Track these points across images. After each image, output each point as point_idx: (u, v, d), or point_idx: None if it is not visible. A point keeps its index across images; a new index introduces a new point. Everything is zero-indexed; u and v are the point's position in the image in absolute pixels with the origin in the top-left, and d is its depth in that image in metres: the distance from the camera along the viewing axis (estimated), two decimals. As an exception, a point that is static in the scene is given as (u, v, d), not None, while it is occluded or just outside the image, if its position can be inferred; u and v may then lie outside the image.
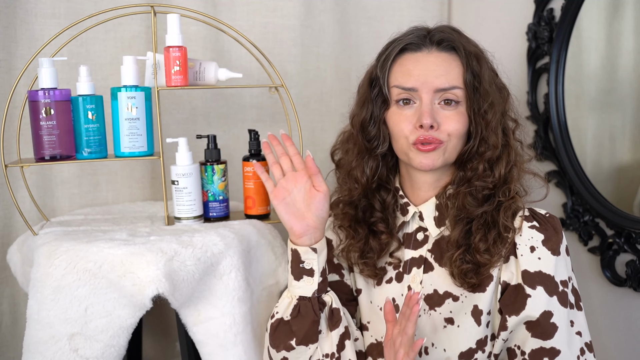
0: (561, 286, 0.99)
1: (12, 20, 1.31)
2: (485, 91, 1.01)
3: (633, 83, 1.22)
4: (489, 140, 1.02)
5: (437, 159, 1.01)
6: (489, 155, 1.02)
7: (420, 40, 1.04)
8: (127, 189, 1.48)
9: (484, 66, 1.03)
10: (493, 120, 1.02)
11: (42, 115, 1.08)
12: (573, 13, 1.30)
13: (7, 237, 1.35)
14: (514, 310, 0.99)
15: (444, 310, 1.04)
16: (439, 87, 1.00)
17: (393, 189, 1.11)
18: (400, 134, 1.03)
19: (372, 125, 1.07)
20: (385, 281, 1.10)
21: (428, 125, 0.99)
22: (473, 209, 1.02)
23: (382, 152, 1.07)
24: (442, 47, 1.03)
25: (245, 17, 1.50)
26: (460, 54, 1.02)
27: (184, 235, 1.09)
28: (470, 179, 1.03)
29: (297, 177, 1.05)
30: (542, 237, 1.00)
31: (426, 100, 1.00)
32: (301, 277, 1.04)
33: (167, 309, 1.09)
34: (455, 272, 1.02)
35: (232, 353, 1.08)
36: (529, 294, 0.98)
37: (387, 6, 1.63)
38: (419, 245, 1.08)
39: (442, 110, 1.01)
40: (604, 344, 1.31)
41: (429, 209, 1.07)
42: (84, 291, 1.00)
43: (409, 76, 1.02)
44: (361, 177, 1.09)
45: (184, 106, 1.49)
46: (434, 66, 1.01)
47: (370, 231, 1.10)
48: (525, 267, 0.99)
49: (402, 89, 1.02)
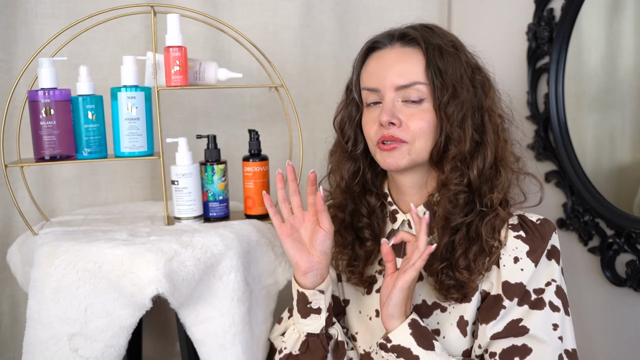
0: (534, 294, 0.96)
1: (12, 20, 1.31)
2: (449, 83, 0.96)
3: (633, 83, 1.22)
4: (453, 135, 0.97)
5: (400, 158, 0.98)
6: (454, 152, 0.97)
7: (386, 38, 1.02)
8: (127, 189, 1.48)
9: (449, 59, 0.97)
10: (456, 114, 0.96)
11: (42, 115, 1.08)
12: (573, 13, 1.30)
13: (7, 237, 1.35)
14: (486, 319, 0.96)
15: (431, 321, 1.02)
16: (399, 84, 0.98)
17: (381, 194, 1.10)
18: (368, 136, 1.02)
19: (349, 127, 1.07)
20: (375, 290, 1.09)
21: (386, 122, 0.97)
22: (454, 217, 0.98)
23: (356, 154, 1.07)
24: (405, 41, 1.00)
25: (245, 17, 1.50)
26: (422, 48, 0.98)
27: (184, 236, 1.09)
28: (445, 182, 0.99)
29: (306, 217, 1.02)
30: (527, 248, 0.97)
31: (387, 98, 0.98)
32: (308, 315, 1.02)
33: (167, 309, 1.09)
34: (437, 287, 1.00)
35: (230, 353, 1.08)
36: (505, 306, 0.95)
37: (387, 6, 1.63)
38: None
39: (405, 108, 0.98)
40: (604, 344, 1.31)
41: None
42: (84, 291, 1.00)
43: (372, 76, 1.01)
44: (340, 180, 1.09)
45: (184, 106, 1.49)
46: (394, 62, 0.99)
47: (357, 237, 1.09)
48: (506, 278, 0.96)
49: (368, 90, 1.02)
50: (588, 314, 1.33)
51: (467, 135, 0.97)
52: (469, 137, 0.97)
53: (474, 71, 1.01)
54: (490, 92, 1.02)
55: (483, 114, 1.00)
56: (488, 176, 0.99)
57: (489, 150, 0.99)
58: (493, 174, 0.99)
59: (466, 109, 0.97)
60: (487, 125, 1.00)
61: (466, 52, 1.02)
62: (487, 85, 1.02)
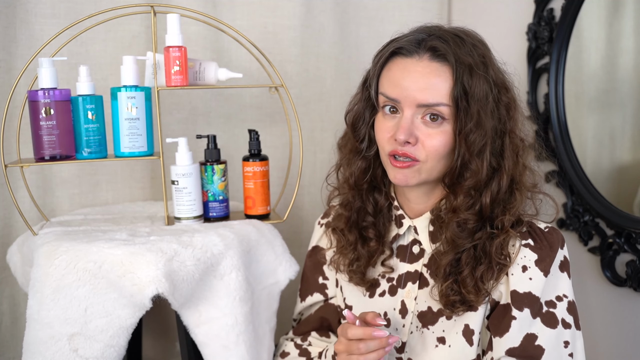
0: (546, 307, 0.95)
1: (12, 20, 1.31)
2: (474, 110, 0.92)
3: (633, 83, 1.22)
4: (471, 165, 0.93)
5: (411, 177, 0.96)
6: (469, 183, 0.94)
7: (414, 45, 0.95)
8: (127, 189, 1.48)
9: (478, 81, 0.92)
10: (477, 143, 0.92)
11: (42, 115, 1.08)
12: (573, 13, 1.30)
13: (7, 237, 1.35)
14: (498, 332, 0.95)
15: (436, 329, 1.01)
16: (422, 102, 0.93)
17: (389, 195, 1.09)
18: (380, 143, 1.00)
19: (362, 127, 1.04)
20: (379, 294, 1.08)
21: (402, 141, 0.94)
22: (462, 241, 0.96)
23: (369, 155, 1.05)
24: (434, 55, 0.94)
25: (245, 17, 1.50)
26: (451, 66, 0.92)
27: (184, 236, 1.09)
28: (455, 209, 0.96)
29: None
30: (536, 257, 0.95)
31: (407, 114, 0.94)
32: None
33: (167, 309, 1.09)
34: (443, 302, 0.98)
35: (234, 353, 1.08)
36: (515, 316, 0.94)
37: (387, 6, 1.63)
38: (415, 259, 1.05)
39: (424, 127, 0.94)
40: (604, 344, 1.31)
41: (423, 224, 1.04)
42: (83, 291, 1.00)
43: (394, 86, 0.96)
44: (350, 176, 1.07)
45: (184, 106, 1.49)
46: (420, 77, 0.93)
47: (360, 236, 1.08)
48: (514, 287, 0.95)
49: (387, 97, 0.97)
50: (588, 314, 1.33)
51: (485, 164, 0.94)
52: (486, 166, 0.94)
53: (500, 91, 0.96)
54: (514, 114, 0.98)
55: (504, 138, 0.96)
56: (502, 199, 0.97)
57: (504, 177, 0.95)
58: (507, 197, 0.97)
59: (488, 137, 0.93)
60: (507, 150, 0.96)
61: (494, 69, 0.97)
62: (512, 107, 0.98)
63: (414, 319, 1.03)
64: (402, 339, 1.03)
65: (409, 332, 1.03)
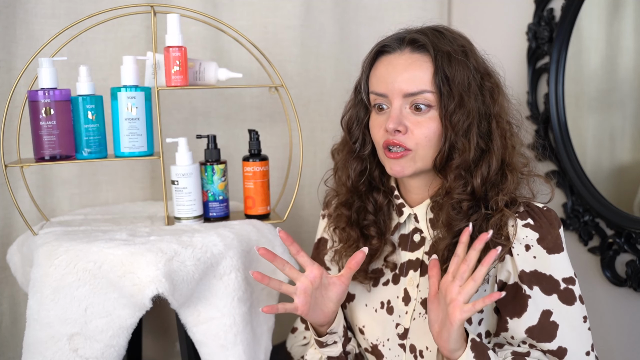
0: (563, 283, 0.97)
1: (12, 20, 1.31)
2: (456, 93, 0.96)
3: (633, 83, 1.22)
4: (457, 144, 0.97)
5: (407, 167, 1.00)
6: (457, 161, 0.97)
7: (395, 42, 1.01)
8: (127, 189, 1.48)
9: (458, 67, 0.97)
10: (462, 123, 0.96)
11: (42, 115, 1.08)
12: (573, 13, 1.30)
13: (7, 237, 1.35)
14: (515, 312, 0.97)
15: None
16: (407, 91, 0.97)
17: (388, 190, 1.11)
18: (375, 138, 1.03)
19: (356, 128, 1.08)
20: (382, 283, 1.10)
21: (392, 129, 0.97)
22: (458, 223, 0.98)
23: (364, 154, 1.08)
24: (415, 47, 0.99)
25: (245, 17, 1.50)
26: (431, 55, 0.97)
27: (184, 236, 1.09)
28: (449, 191, 0.99)
29: (315, 273, 1.01)
30: (537, 235, 0.97)
31: (395, 105, 0.99)
32: (326, 346, 1.09)
33: (167, 309, 1.09)
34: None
35: (232, 353, 1.08)
36: (529, 295, 0.96)
37: (387, 6, 1.63)
38: (416, 248, 1.07)
39: (412, 116, 0.98)
40: (605, 344, 1.31)
41: (422, 211, 1.06)
42: (83, 291, 1.00)
43: (381, 82, 1.00)
44: (346, 179, 1.09)
45: (184, 106, 1.49)
46: (403, 69, 0.98)
47: (362, 235, 1.09)
48: (521, 267, 0.97)
49: (376, 94, 1.02)
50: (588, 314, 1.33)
51: (472, 144, 0.97)
52: (473, 146, 0.97)
53: (483, 77, 1.00)
54: (499, 98, 1.01)
55: (490, 121, 0.99)
56: (494, 181, 0.99)
57: (494, 158, 0.98)
58: (499, 178, 0.99)
59: (472, 117, 0.97)
60: (494, 132, 0.99)
61: (476, 57, 1.01)
62: (496, 92, 1.01)
63: (417, 306, 1.05)
64: (404, 326, 1.06)
65: (412, 318, 1.05)
